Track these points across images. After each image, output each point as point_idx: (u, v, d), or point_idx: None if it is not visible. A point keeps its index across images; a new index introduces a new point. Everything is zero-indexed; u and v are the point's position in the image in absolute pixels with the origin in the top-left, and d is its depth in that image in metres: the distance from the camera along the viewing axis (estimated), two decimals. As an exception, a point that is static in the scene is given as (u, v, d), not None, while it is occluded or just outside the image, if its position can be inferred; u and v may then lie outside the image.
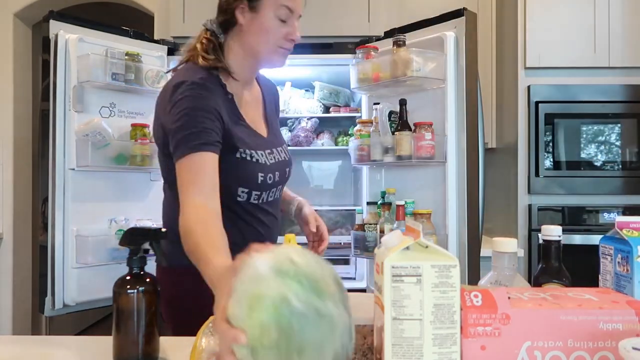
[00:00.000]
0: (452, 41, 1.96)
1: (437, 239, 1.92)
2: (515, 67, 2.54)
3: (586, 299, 0.70)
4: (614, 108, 2.47)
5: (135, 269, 0.87)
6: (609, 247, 0.83)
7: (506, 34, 2.73)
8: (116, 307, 0.86)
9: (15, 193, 3.18)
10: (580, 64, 2.48)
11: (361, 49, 2.19)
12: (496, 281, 0.85)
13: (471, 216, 1.92)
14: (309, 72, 2.70)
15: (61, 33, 2.01)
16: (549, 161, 2.48)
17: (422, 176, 2.08)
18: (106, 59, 2.05)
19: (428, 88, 2.06)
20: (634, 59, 2.46)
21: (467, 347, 0.67)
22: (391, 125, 2.08)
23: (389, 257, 0.67)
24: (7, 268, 3.10)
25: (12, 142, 3.16)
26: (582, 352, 0.66)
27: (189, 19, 2.50)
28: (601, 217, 2.45)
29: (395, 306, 0.67)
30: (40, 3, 3.12)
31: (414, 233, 0.71)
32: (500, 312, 0.67)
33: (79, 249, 2.02)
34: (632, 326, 0.66)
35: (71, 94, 2.01)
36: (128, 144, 2.12)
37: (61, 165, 2.00)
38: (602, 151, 2.48)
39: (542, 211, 2.47)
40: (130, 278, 0.87)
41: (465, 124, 1.95)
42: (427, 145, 1.95)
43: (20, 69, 3.24)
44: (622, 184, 2.46)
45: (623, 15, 2.47)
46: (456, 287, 0.67)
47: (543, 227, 0.90)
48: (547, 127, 2.48)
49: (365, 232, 2.09)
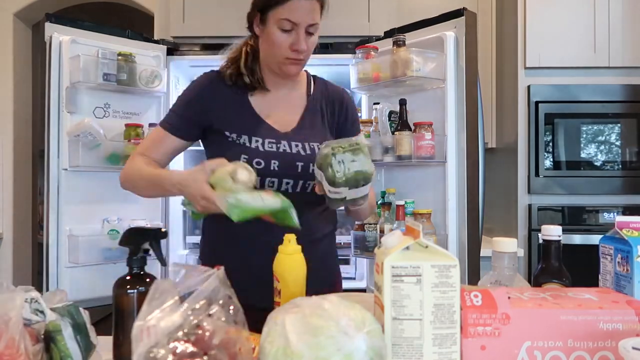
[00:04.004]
0: (452, 41, 1.96)
1: (437, 239, 1.92)
2: (515, 67, 2.54)
3: (586, 299, 0.70)
4: (613, 108, 2.47)
5: (135, 269, 0.87)
6: (609, 247, 0.83)
7: (506, 34, 2.73)
8: (116, 307, 0.86)
9: (15, 193, 3.18)
10: (580, 63, 2.48)
11: (361, 49, 2.19)
12: (496, 281, 0.85)
13: (471, 216, 1.92)
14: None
15: (55, 35, 2.02)
16: (549, 161, 2.48)
17: (422, 176, 2.08)
18: (98, 59, 2.05)
19: (428, 88, 2.05)
20: (634, 59, 2.47)
21: (467, 347, 0.67)
22: (391, 125, 2.08)
23: (389, 257, 0.67)
24: (7, 267, 3.11)
25: (12, 142, 3.16)
26: (582, 352, 0.66)
27: (188, 19, 2.50)
28: (601, 217, 2.45)
29: (395, 306, 0.67)
30: (40, 3, 3.12)
31: (414, 233, 0.71)
32: (500, 312, 0.67)
33: (70, 248, 2.04)
34: (632, 326, 0.66)
35: (64, 95, 2.02)
36: (121, 144, 2.13)
37: (55, 166, 2.02)
38: (602, 151, 2.48)
39: (542, 211, 2.47)
40: (130, 278, 0.87)
41: (465, 124, 1.94)
42: (427, 145, 1.94)
43: (20, 69, 3.24)
44: (622, 184, 2.46)
45: (623, 15, 2.47)
46: (456, 287, 0.67)
47: (543, 227, 0.90)
48: (547, 127, 2.48)
49: (365, 232, 2.09)
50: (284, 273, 0.90)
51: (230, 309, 0.67)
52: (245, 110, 1.32)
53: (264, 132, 1.29)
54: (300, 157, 1.29)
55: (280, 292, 0.90)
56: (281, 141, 1.29)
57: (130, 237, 0.88)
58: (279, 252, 0.92)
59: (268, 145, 1.27)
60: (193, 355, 0.60)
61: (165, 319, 0.61)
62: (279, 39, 1.23)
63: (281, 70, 1.29)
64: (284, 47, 1.23)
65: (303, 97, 1.39)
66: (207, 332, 0.63)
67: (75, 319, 0.83)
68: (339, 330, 0.61)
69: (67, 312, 0.83)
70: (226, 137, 1.28)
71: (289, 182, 1.28)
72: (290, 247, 0.92)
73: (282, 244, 0.93)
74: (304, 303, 0.67)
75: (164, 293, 0.64)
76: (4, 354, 0.68)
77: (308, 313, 0.64)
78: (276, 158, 1.27)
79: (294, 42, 1.23)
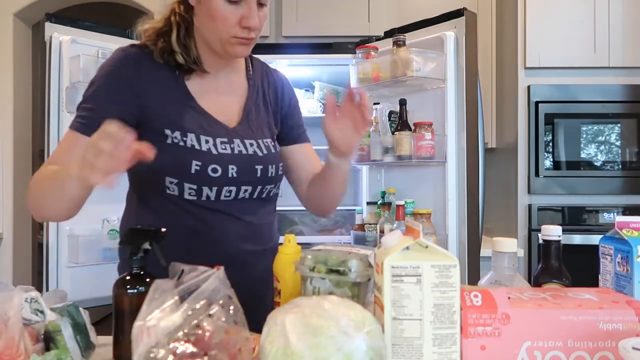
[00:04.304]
0: (452, 41, 1.96)
1: (437, 239, 1.92)
2: (515, 67, 2.54)
3: (586, 299, 0.70)
4: (613, 108, 2.47)
5: (135, 269, 0.87)
6: (609, 247, 0.83)
7: (506, 34, 2.73)
8: (116, 307, 0.86)
9: (15, 192, 3.18)
10: (580, 64, 2.48)
11: (361, 49, 2.19)
12: (496, 281, 0.85)
13: (471, 216, 1.92)
14: (309, 72, 2.70)
15: (55, 35, 2.03)
16: (549, 161, 2.48)
17: (422, 176, 2.08)
18: (98, 59, 2.06)
19: (428, 88, 2.06)
20: (634, 59, 2.46)
21: (467, 347, 0.67)
22: (391, 125, 2.08)
23: (389, 257, 0.67)
24: (7, 267, 3.10)
25: (12, 141, 3.16)
26: (582, 352, 0.66)
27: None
28: (601, 217, 2.45)
29: (395, 306, 0.67)
30: (40, 3, 3.12)
31: (414, 233, 0.71)
32: (500, 312, 0.67)
33: (70, 248, 2.04)
34: (632, 326, 0.66)
35: (64, 94, 2.02)
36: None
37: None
38: (602, 151, 2.48)
39: (542, 211, 2.46)
40: (130, 278, 0.87)
41: (465, 123, 1.95)
42: (427, 145, 1.95)
43: (20, 69, 3.24)
44: (622, 184, 2.46)
45: (623, 15, 2.46)
46: (456, 287, 0.67)
47: (543, 227, 0.90)
48: (547, 127, 2.48)
49: (365, 232, 2.09)
50: (283, 273, 0.90)
51: (230, 309, 0.67)
52: (184, 99, 1.06)
53: (212, 129, 1.06)
54: (259, 160, 1.09)
55: (280, 292, 0.90)
56: (234, 140, 1.07)
57: (131, 237, 0.88)
58: (279, 252, 0.92)
59: (221, 146, 1.05)
60: (193, 355, 0.60)
61: (165, 319, 0.61)
62: (224, 11, 0.98)
63: (225, 51, 1.04)
64: (231, 22, 0.99)
65: (244, 81, 1.17)
66: (207, 332, 0.62)
67: (75, 319, 0.83)
68: (339, 330, 0.61)
69: (67, 312, 0.83)
70: (166, 138, 1.02)
71: (247, 190, 1.09)
72: (290, 247, 0.92)
73: (282, 244, 0.93)
74: (304, 303, 0.67)
75: (164, 293, 0.64)
76: (4, 353, 0.68)
77: (308, 313, 0.64)
78: (233, 162, 1.05)
79: (244, 16, 0.99)
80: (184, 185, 1.03)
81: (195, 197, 1.05)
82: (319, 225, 2.56)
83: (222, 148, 1.05)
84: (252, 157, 1.09)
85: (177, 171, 1.02)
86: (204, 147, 1.03)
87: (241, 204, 1.10)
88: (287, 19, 2.70)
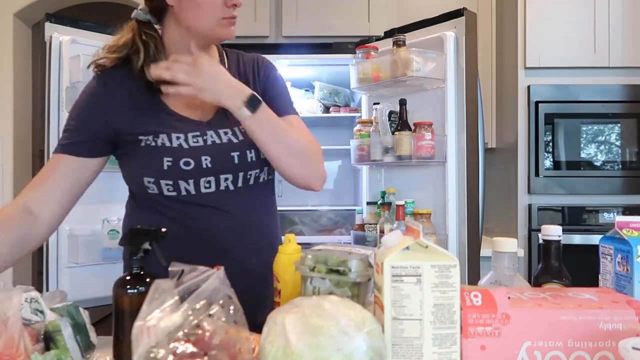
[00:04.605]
0: (452, 41, 1.96)
1: (437, 239, 1.92)
2: (515, 67, 2.54)
3: (586, 299, 0.70)
4: (613, 108, 2.47)
5: (135, 269, 0.87)
6: (609, 247, 0.83)
7: (506, 34, 2.73)
8: (116, 307, 0.86)
9: (15, 193, 3.18)
10: (580, 63, 2.48)
11: (361, 49, 2.19)
12: (496, 281, 0.85)
13: (471, 216, 1.92)
14: (309, 72, 2.70)
15: (55, 35, 2.03)
16: (549, 161, 2.48)
17: (422, 176, 2.08)
18: None
19: (428, 88, 2.06)
20: (634, 59, 2.47)
21: (467, 347, 0.67)
22: (391, 125, 2.08)
23: (389, 257, 0.67)
24: (7, 268, 3.11)
25: (12, 141, 3.16)
26: (582, 352, 0.66)
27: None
28: (601, 217, 2.45)
29: (395, 306, 0.67)
30: (40, 3, 3.12)
31: (414, 233, 0.71)
32: (500, 312, 0.67)
33: (70, 248, 2.04)
34: (632, 326, 0.66)
35: (64, 94, 2.02)
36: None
37: None
38: (602, 151, 2.48)
39: (542, 211, 2.47)
40: (130, 278, 0.87)
41: (465, 123, 1.95)
42: (427, 145, 1.95)
43: (20, 69, 3.24)
44: (622, 184, 2.46)
45: (623, 15, 2.47)
46: (456, 287, 0.67)
47: (543, 227, 0.90)
48: (547, 127, 2.48)
49: (365, 232, 2.09)
50: (284, 273, 0.90)
51: (230, 309, 0.67)
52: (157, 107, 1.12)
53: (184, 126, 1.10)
54: (234, 146, 1.11)
55: (280, 292, 0.90)
56: (206, 132, 1.10)
57: (131, 237, 0.88)
58: (279, 252, 0.92)
59: (193, 140, 1.09)
60: (193, 355, 0.60)
61: (165, 319, 0.61)
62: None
63: (217, 36, 1.10)
64: (217, 5, 1.06)
65: None
66: (207, 332, 0.62)
67: (75, 319, 0.83)
68: (339, 330, 0.61)
69: (67, 312, 0.83)
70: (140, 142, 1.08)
71: (227, 178, 1.11)
72: (290, 247, 0.92)
73: (282, 244, 0.93)
74: (304, 303, 0.67)
75: (164, 293, 0.64)
76: (4, 353, 0.68)
77: (308, 313, 0.64)
78: (206, 153, 1.08)
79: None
80: (161, 183, 1.08)
81: (174, 192, 1.08)
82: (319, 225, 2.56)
83: (194, 142, 1.09)
84: (227, 145, 1.10)
85: (152, 170, 1.07)
86: (174, 144, 1.07)
87: (227, 196, 1.11)
88: (287, 19, 2.70)
